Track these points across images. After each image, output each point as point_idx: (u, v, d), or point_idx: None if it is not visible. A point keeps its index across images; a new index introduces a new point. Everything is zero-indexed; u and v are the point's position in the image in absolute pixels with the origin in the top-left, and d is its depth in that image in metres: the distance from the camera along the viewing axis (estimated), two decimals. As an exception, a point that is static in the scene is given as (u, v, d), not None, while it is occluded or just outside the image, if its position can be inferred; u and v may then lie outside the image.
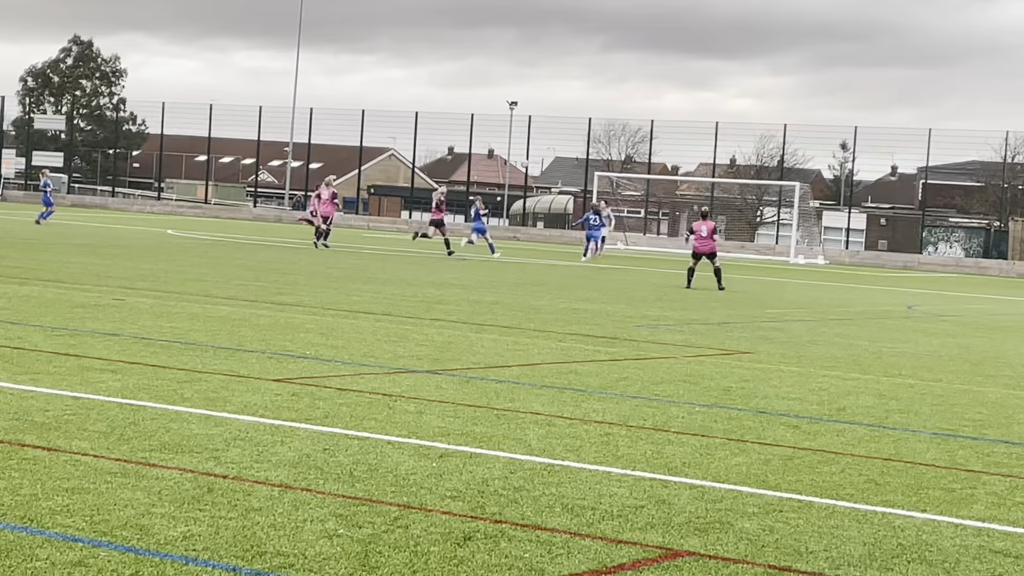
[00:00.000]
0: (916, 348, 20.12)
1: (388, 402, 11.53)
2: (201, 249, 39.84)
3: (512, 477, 8.68)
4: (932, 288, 44.55)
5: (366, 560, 6.53)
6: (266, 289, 24.25)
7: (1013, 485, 9.44)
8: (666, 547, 7.13)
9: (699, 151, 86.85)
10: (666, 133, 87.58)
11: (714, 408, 12.35)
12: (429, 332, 17.90)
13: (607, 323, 21.22)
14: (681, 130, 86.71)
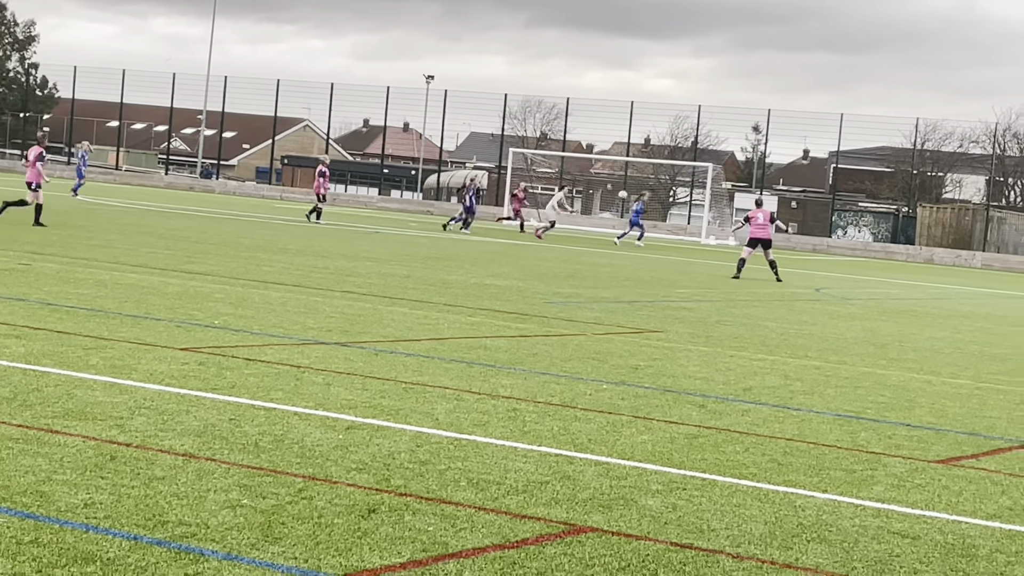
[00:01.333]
0: (822, 330, 20.32)
1: (296, 373, 11.48)
2: (111, 215, 39.43)
3: (418, 451, 8.68)
4: (840, 271, 45.01)
5: (269, 531, 6.51)
6: (176, 257, 24.06)
7: (913, 467, 9.56)
8: (570, 523, 7.16)
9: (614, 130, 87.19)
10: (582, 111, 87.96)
11: (622, 386, 12.41)
12: (339, 304, 17.84)
13: (518, 299, 21.25)
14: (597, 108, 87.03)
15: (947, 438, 11.02)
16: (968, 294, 37.26)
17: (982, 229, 74.79)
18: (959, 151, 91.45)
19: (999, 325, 25.32)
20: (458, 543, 6.57)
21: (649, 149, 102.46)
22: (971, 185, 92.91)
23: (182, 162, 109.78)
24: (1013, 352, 19.50)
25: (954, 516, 8.08)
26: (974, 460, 10.11)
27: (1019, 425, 12.03)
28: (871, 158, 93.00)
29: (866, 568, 6.74)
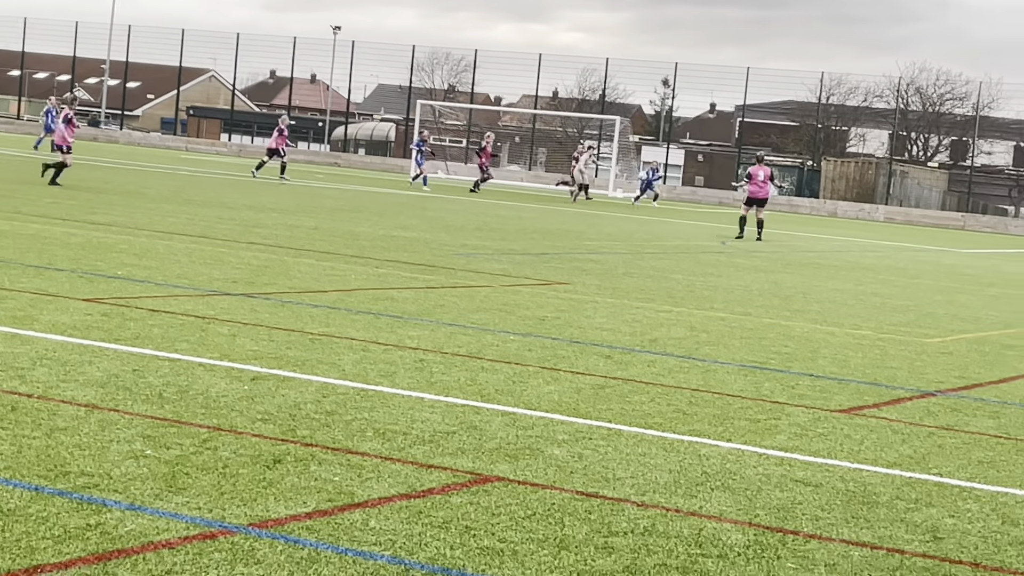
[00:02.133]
0: (728, 283, 20.47)
1: (201, 324, 11.40)
2: (12, 165, 38.86)
3: (324, 401, 8.65)
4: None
5: (173, 481, 6.46)
6: (79, 208, 23.77)
7: (815, 417, 9.67)
8: (476, 472, 7.17)
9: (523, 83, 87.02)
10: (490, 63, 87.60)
11: (529, 337, 12.44)
12: (245, 256, 17.71)
13: (425, 251, 21.22)
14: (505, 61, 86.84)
15: (849, 388, 11.15)
16: (871, 247, 37.68)
17: (885, 183, 75.59)
18: (863, 105, 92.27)
19: (900, 277, 25.64)
20: (364, 493, 6.56)
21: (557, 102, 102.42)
22: (875, 139, 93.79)
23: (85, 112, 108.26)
24: (914, 303, 19.75)
25: (855, 464, 8.19)
26: (875, 409, 10.24)
27: (919, 375, 12.20)
28: (777, 112, 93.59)
29: (769, 515, 6.81)
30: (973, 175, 79.25)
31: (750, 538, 6.37)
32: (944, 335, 15.80)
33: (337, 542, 5.75)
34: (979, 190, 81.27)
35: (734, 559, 6.02)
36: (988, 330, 16.88)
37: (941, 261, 33.29)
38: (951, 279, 26.50)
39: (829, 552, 6.26)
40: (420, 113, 73.84)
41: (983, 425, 9.92)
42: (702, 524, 6.54)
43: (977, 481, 8.03)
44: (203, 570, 5.26)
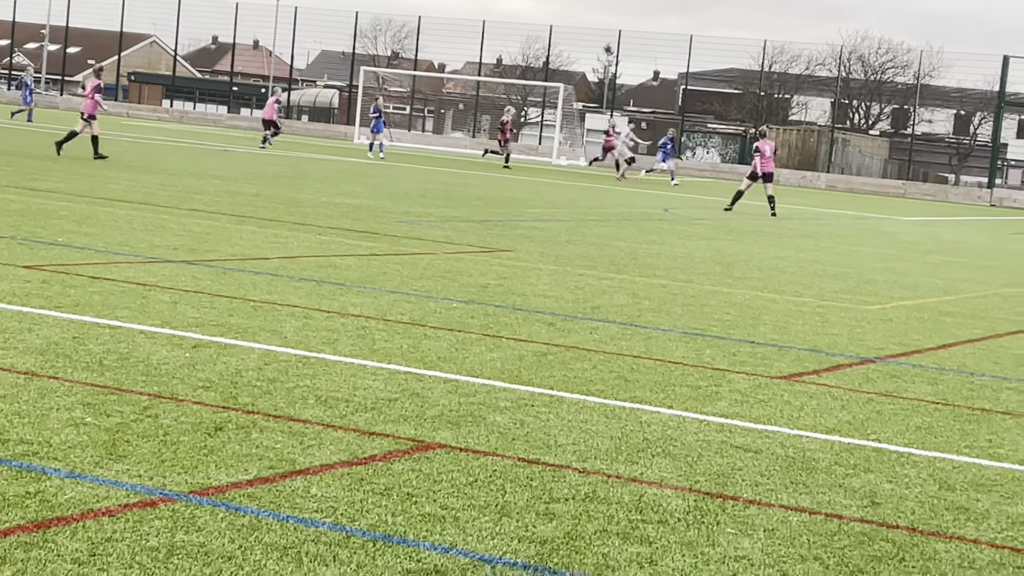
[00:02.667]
0: (670, 250, 20.54)
1: (142, 291, 11.33)
2: (-50, 131, 38.47)
3: (266, 369, 8.63)
4: (689, 192, 45.46)
5: (114, 449, 6.44)
6: (18, 174, 23.56)
7: (756, 383, 9.73)
8: (418, 439, 7.18)
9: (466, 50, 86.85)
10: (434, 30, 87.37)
11: (472, 304, 12.45)
12: (187, 223, 17.62)
13: (368, 218, 21.17)
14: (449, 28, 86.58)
15: (790, 355, 11.23)
16: (812, 214, 37.89)
17: (827, 151, 75.99)
18: (806, 74, 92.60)
19: (841, 245, 25.80)
20: (306, 460, 6.56)
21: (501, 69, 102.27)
22: (817, 107, 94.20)
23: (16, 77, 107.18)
24: (854, 271, 19.89)
25: (795, 430, 8.25)
26: (815, 376, 10.32)
27: (859, 342, 12.29)
28: (720, 80, 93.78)
29: (709, 481, 6.86)
30: (914, 143, 79.77)
31: (690, 504, 6.42)
32: (884, 302, 15.92)
33: (278, 509, 5.75)
34: (920, 158, 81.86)
35: (674, 524, 6.06)
36: (927, 297, 17.02)
37: (882, 229, 33.52)
38: (891, 247, 26.69)
39: (768, 517, 6.31)
40: (364, 80, 73.58)
41: (921, 391, 10.02)
42: (643, 490, 6.58)
43: (915, 447, 8.11)
44: (143, 537, 5.25)
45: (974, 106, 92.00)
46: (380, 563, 5.21)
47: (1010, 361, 11.97)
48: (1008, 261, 25.46)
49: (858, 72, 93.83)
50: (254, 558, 5.14)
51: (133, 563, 4.98)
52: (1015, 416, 9.38)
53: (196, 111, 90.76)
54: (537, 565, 5.35)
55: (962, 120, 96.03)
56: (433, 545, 5.48)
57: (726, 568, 5.53)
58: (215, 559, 5.09)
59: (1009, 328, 14.37)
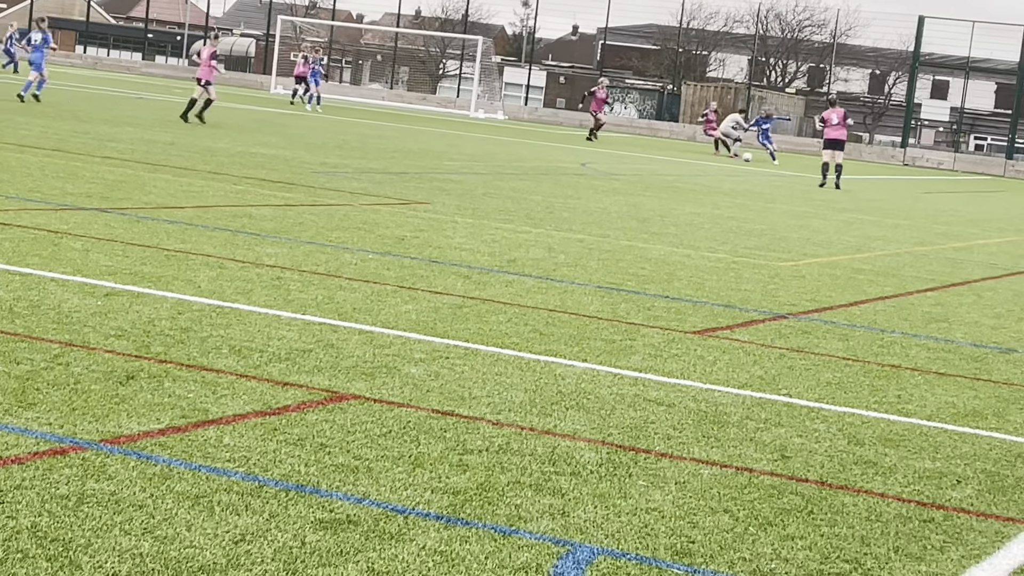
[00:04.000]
0: (587, 205, 20.58)
1: (54, 239, 11.21)
2: None
3: (179, 318, 8.57)
4: (606, 147, 45.52)
5: (23, 396, 6.37)
6: (-73, 119, 23.19)
7: (670, 338, 9.79)
8: (332, 390, 7.17)
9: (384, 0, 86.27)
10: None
11: (387, 256, 12.42)
12: (100, 170, 17.42)
13: (284, 168, 21.04)
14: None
15: (704, 310, 11.30)
16: (726, 171, 38.06)
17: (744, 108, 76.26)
18: (724, 30, 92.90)
19: (756, 202, 25.96)
20: (218, 410, 6.53)
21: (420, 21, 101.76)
22: (734, 64, 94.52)
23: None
24: (768, 228, 20.03)
25: (708, 385, 8.31)
26: (728, 331, 10.40)
27: (772, 298, 12.40)
28: (639, 35, 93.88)
29: (622, 434, 6.90)
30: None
31: (603, 456, 6.46)
32: (797, 259, 16.06)
33: (191, 458, 5.73)
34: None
35: (587, 476, 6.09)
36: (840, 254, 17.18)
37: (796, 187, 33.75)
38: (805, 204, 26.90)
39: (680, 470, 6.36)
40: (281, 29, 72.95)
41: (832, 347, 10.13)
42: (556, 442, 6.61)
43: (825, 402, 8.21)
44: (53, 485, 5.21)
45: (889, 66, 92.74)
46: (292, 513, 5.20)
47: (920, 318, 12.12)
48: (920, 220, 25.74)
49: (775, 30, 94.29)
50: (165, 507, 5.12)
51: (43, 510, 4.94)
52: (924, 373, 9.50)
53: (110, 58, 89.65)
54: (450, 516, 5.37)
55: (877, 79, 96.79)
56: (346, 495, 5.48)
57: (637, 520, 5.58)
58: (126, 507, 5.06)
59: (920, 286, 14.55)
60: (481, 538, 5.16)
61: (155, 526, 4.92)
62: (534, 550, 5.10)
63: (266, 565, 4.68)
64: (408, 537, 5.08)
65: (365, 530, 5.10)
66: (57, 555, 4.56)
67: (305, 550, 4.84)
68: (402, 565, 4.81)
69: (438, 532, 5.18)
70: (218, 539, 4.86)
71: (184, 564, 4.60)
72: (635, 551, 5.22)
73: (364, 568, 4.74)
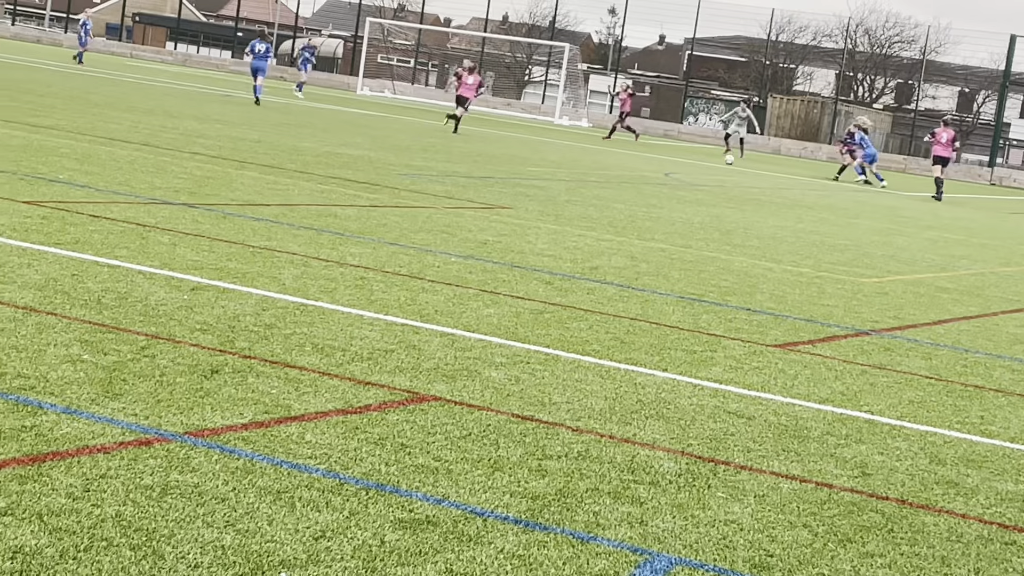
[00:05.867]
0: (670, 214, 20.53)
1: (142, 232, 11.33)
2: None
3: (264, 314, 8.64)
4: (690, 157, 45.40)
5: (110, 387, 6.45)
6: (20, 110, 23.50)
7: (751, 350, 9.75)
8: (413, 391, 7.20)
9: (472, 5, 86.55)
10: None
11: (470, 260, 12.45)
12: (188, 165, 17.60)
13: (370, 169, 21.14)
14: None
15: (785, 323, 11.25)
16: (812, 185, 37.84)
17: (830, 122, 75.83)
18: (812, 44, 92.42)
19: (840, 217, 25.80)
20: (301, 406, 6.58)
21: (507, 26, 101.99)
22: (822, 79, 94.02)
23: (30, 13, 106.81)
24: (852, 243, 19.90)
25: (788, 398, 8.27)
26: (810, 346, 10.34)
27: (855, 313, 12.31)
28: (726, 47, 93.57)
29: (701, 445, 6.88)
30: (917, 119, 79.62)
31: (682, 466, 6.45)
32: (881, 275, 15.94)
33: (273, 454, 5.77)
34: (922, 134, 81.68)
35: (665, 486, 6.08)
36: (924, 272, 17.05)
37: (881, 203, 33.51)
38: (890, 220, 26.69)
39: (759, 483, 6.34)
40: (369, 31, 73.35)
41: (915, 365, 10.05)
42: (635, 451, 6.61)
43: (907, 420, 8.14)
44: (138, 475, 5.27)
45: (979, 84, 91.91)
46: (372, 511, 5.23)
47: (1004, 339, 12.00)
48: (1006, 240, 25.47)
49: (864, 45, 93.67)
50: (247, 501, 5.16)
51: (127, 500, 5.00)
52: (1007, 394, 9.41)
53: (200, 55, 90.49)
54: (528, 520, 5.38)
55: (966, 97, 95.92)
56: (425, 496, 5.50)
57: (715, 531, 5.56)
58: (208, 500, 5.11)
59: (1004, 307, 14.40)
60: (559, 543, 5.17)
61: (237, 519, 4.96)
62: (612, 557, 5.10)
63: (346, 562, 4.71)
64: (487, 540, 5.10)
65: (444, 531, 5.13)
66: (141, 544, 4.62)
67: (384, 549, 4.87)
68: (480, 567, 4.82)
69: (516, 536, 5.19)
70: (299, 535, 4.90)
71: (265, 558, 4.64)
72: (713, 562, 5.21)
73: (443, 569, 4.76)
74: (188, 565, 4.50)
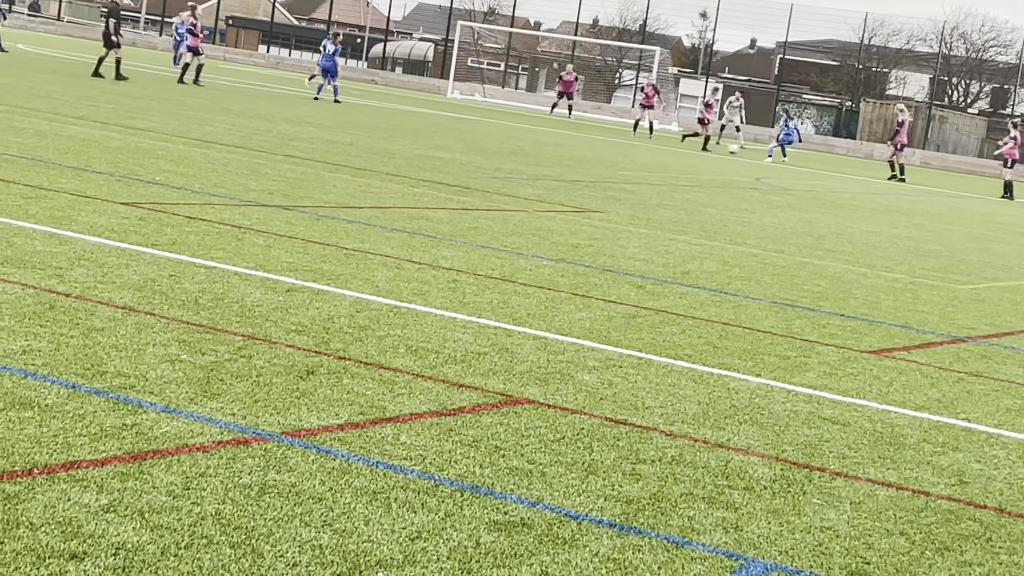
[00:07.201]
0: (761, 219, 20.43)
1: (237, 234, 11.44)
2: (52, 66, 38.87)
3: (358, 316, 8.70)
4: (781, 162, 45.11)
5: (208, 386, 6.52)
6: (117, 112, 23.80)
7: (845, 356, 9.68)
8: (507, 394, 7.22)
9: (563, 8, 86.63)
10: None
11: (561, 263, 12.46)
12: (282, 168, 17.74)
13: (460, 172, 21.21)
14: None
15: (880, 330, 11.16)
16: (906, 190, 37.50)
17: (923, 127, 75.06)
18: (905, 48, 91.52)
19: (934, 223, 25.55)
20: (396, 408, 6.62)
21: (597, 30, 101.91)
22: (915, 83, 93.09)
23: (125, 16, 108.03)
24: (947, 249, 19.70)
25: (883, 405, 8.21)
26: (905, 352, 10.25)
27: (950, 320, 12.19)
28: (818, 51, 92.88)
29: (796, 451, 6.85)
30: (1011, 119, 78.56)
31: (776, 472, 6.41)
32: (976, 282, 15.77)
33: (368, 455, 5.81)
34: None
35: (760, 492, 6.06)
36: (1021, 279, 16.84)
37: (976, 208, 33.14)
38: (985, 227, 26.39)
39: (855, 490, 6.30)
40: (460, 34, 73.57)
41: (1012, 373, 9.93)
42: (729, 456, 6.58)
43: (1005, 428, 8.05)
44: (236, 475, 5.32)
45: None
46: (468, 513, 5.25)
47: (1103, 348, 11.83)
48: (1104, 247, 25.09)
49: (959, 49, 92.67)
50: (344, 501, 5.20)
51: (226, 498, 5.05)
52: (1107, 403, 9.27)
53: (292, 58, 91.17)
54: (623, 524, 5.37)
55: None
56: (520, 498, 5.51)
57: (811, 538, 5.53)
58: (306, 499, 5.16)
59: (1103, 315, 14.19)
60: (654, 548, 5.16)
61: (334, 519, 5.00)
62: (707, 563, 5.09)
63: (442, 563, 4.73)
64: (581, 543, 5.10)
65: (539, 534, 5.13)
66: (240, 543, 4.66)
67: (480, 550, 4.89)
68: (575, 570, 4.83)
69: (611, 540, 5.19)
70: (395, 535, 4.93)
71: (362, 558, 4.68)
72: (809, 569, 5.18)
73: (538, 571, 4.77)
74: (287, 563, 4.54)
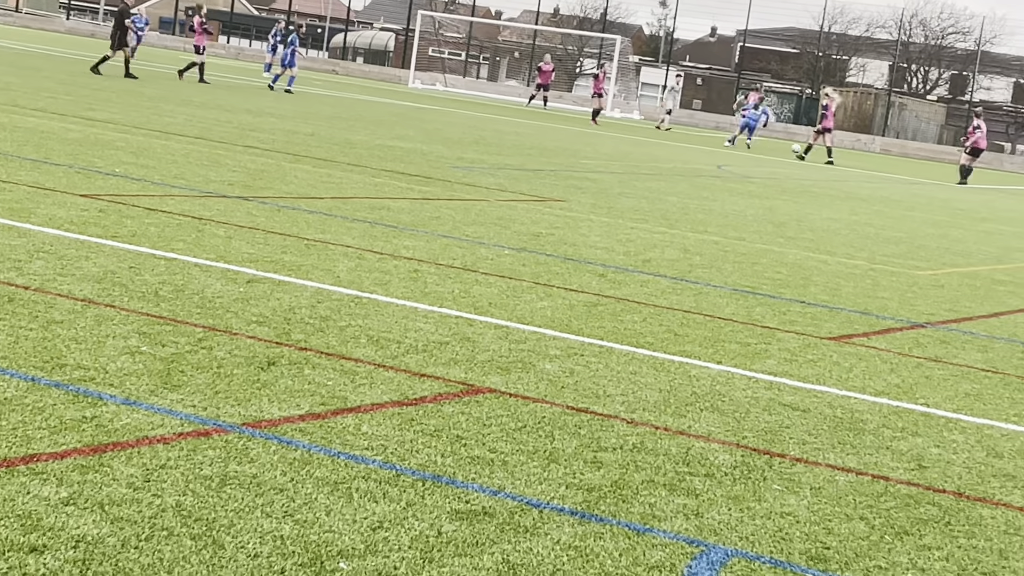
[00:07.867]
0: (722, 207, 20.49)
1: (197, 225, 11.41)
2: (9, 58, 38.64)
3: (319, 306, 8.69)
4: (741, 150, 45.24)
5: (168, 378, 6.51)
6: (76, 103, 23.68)
7: (805, 343, 9.73)
8: (468, 383, 7.22)
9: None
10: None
11: (523, 252, 12.47)
12: (242, 159, 17.69)
13: (422, 162, 21.19)
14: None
15: (840, 316, 11.21)
16: (866, 177, 37.68)
17: (883, 114, 75.42)
18: (865, 35, 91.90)
19: (894, 209, 25.67)
20: (357, 398, 6.62)
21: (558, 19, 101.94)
22: (875, 70, 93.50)
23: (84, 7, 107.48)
24: (907, 235, 19.80)
25: (843, 391, 8.25)
26: (865, 338, 10.30)
27: (910, 306, 12.26)
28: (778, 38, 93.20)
29: (756, 437, 6.88)
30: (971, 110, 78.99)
31: (737, 459, 6.44)
32: (936, 268, 15.86)
33: (330, 445, 5.81)
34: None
35: (721, 478, 6.08)
36: (980, 265, 16.95)
37: (936, 195, 33.32)
38: (945, 213, 26.54)
39: (815, 476, 6.33)
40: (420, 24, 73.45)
41: (971, 358, 10.00)
42: (690, 443, 6.61)
43: (963, 413, 8.11)
44: (197, 466, 5.32)
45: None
46: (429, 502, 5.26)
47: (1061, 332, 11.92)
48: (1062, 233, 25.27)
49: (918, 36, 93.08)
50: (305, 491, 5.20)
51: (187, 490, 5.05)
52: (1065, 387, 9.34)
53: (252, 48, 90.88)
54: (584, 512, 5.39)
55: (1021, 89, 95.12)
56: (482, 487, 5.52)
57: (771, 524, 5.56)
58: (267, 491, 5.15)
59: (1061, 300, 14.29)
60: (615, 535, 5.18)
61: (295, 510, 5.00)
62: (668, 549, 5.11)
63: (403, 552, 4.74)
64: (543, 531, 5.11)
65: (500, 522, 5.15)
66: (201, 534, 4.66)
67: (441, 540, 4.89)
68: (537, 559, 4.84)
69: (572, 527, 5.20)
70: (356, 525, 4.93)
71: (323, 548, 4.68)
72: (769, 555, 5.21)
73: (500, 560, 4.78)
74: (248, 555, 4.54)
